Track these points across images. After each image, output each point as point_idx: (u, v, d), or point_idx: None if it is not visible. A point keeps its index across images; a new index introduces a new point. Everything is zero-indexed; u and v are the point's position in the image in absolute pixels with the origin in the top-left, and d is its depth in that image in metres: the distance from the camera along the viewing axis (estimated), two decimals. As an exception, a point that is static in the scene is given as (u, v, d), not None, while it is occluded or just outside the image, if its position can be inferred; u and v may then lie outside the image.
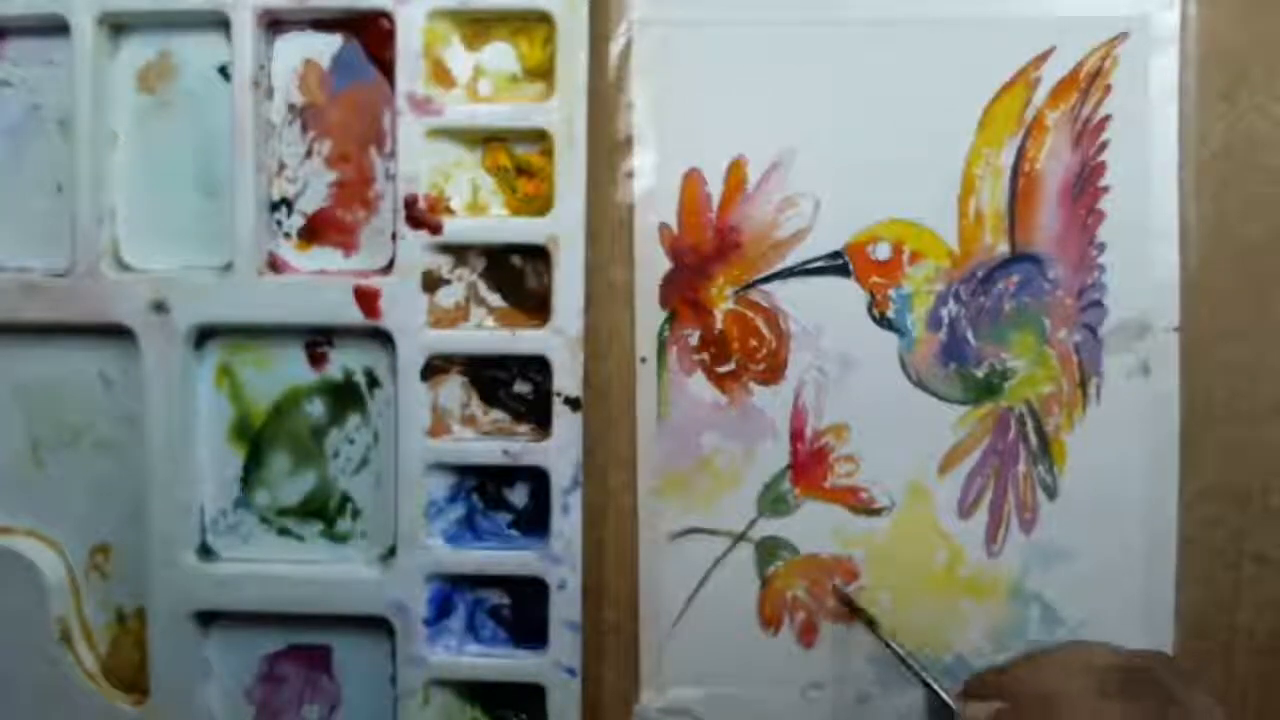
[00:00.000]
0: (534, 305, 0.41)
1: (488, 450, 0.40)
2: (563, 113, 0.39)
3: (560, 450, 0.40)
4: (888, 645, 0.39)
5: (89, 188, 0.40)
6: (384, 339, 0.40)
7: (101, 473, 0.42)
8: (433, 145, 0.40)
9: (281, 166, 0.41)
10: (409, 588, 0.40)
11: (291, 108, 0.41)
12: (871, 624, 0.40)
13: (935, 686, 0.38)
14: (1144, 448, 0.40)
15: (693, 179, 0.40)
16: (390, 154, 0.40)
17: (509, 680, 0.41)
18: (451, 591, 0.41)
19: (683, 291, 0.41)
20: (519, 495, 0.41)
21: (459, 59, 0.40)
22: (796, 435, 0.41)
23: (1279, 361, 0.40)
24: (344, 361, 0.41)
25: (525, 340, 0.40)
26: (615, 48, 0.40)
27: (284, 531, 0.42)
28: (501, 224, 0.40)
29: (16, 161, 0.42)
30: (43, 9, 0.40)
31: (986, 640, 0.40)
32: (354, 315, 0.40)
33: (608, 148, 0.40)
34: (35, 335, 0.41)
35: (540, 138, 0.40)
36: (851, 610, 0.40)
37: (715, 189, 0.40)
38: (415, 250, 0.40)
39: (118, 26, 0.41)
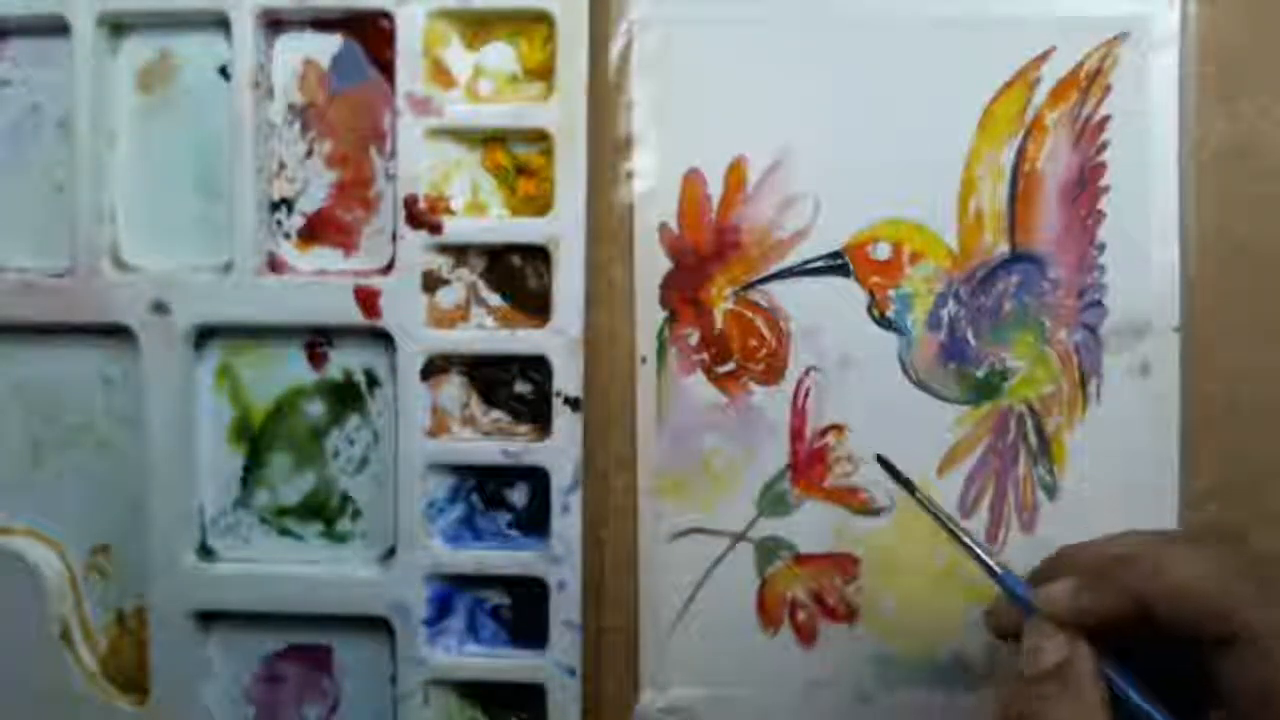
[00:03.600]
0: (534, 305, 0.41)
1: (488, 450, 0.40)
2: (563, 113, 0.39)
3: (560, 450, 0.40)
4: (946, 526, 0.34)
5: (89, 188, 0.40)
6: (384, 339, 0.40)
7: (101, 473, 0.42)
8: (433, 145, 0.40)
9: (281, 166, 0.41)
10: (409, 588, 0.40)
11: (291, 108, 0.41)
12: (921, 497, 0.36)
13: (998, 571, 0.33)
14: (1144, 448, 0.40)
15: (693, 179, 0.40)
16: (390, 154, 0.41)
17: (509, 680, 0.41)
18: (451, 591, 0.41)
19: (683, 291, 0.41)
20: (519, 495, 0.41)
21: (459, 59, 0.40)
22: (796, 435, 0.41)
23: (1279, 361, 0.40)
24: (344, 361, 0.41)
25: (525, 340, 0.40)
26: (615, 48, 0.40)
27: (284, 531, 0.42)
28: (501, 224, 0.40)
29: (16, 161, 0.42)
30: (43, 9, 0.40)
31: (988, 641, 0.40)
32: (354, 315, 0.40)
33: (608, 148, 0.40)
34: (35, 335, 0.41)
35: (540, 138, 0.40)
36: (900, 482, 0.36)
37: (715, 189, 0.40)
38: (415, 250, 0.40)
39: (118, 26, 0.41)
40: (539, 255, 0.40)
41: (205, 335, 0.41)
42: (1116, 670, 0.30)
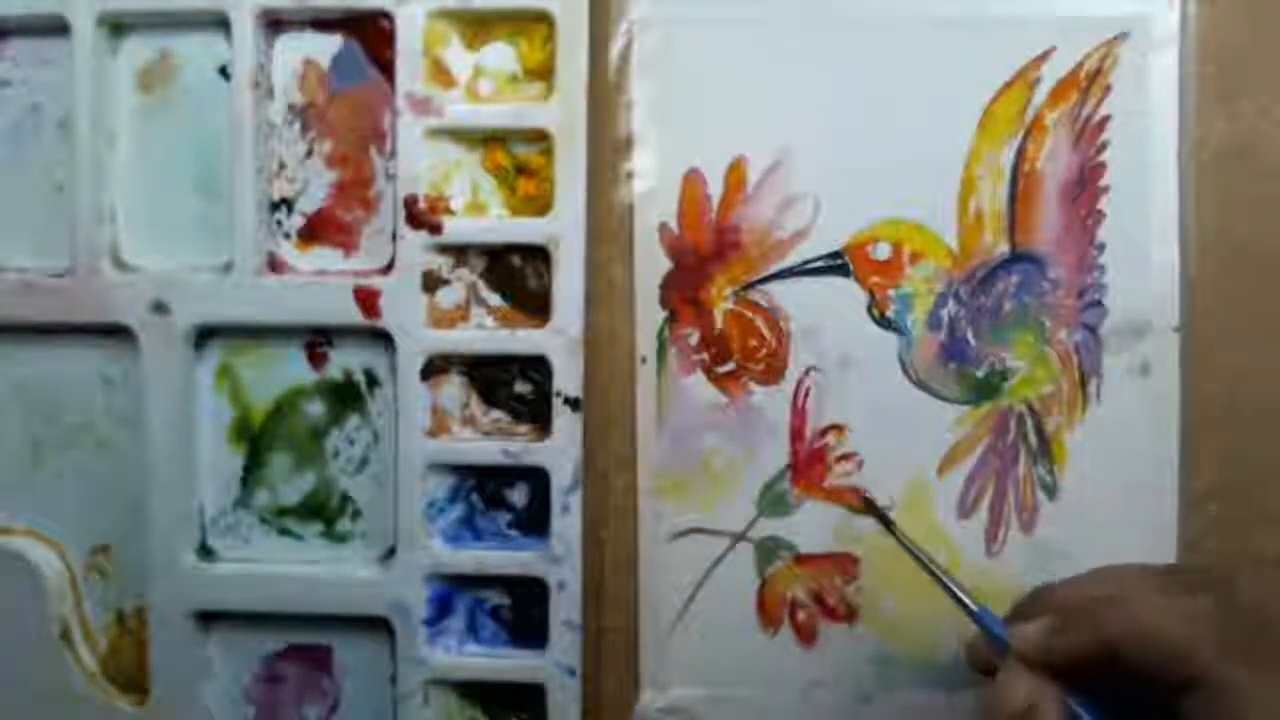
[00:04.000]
0: (534, 305, 0.41)
1: (488, 450, 0.40)
2: (563, 113, 0.39)
3: (560, 450, 0.40)
4: (925, 566, 0.36)
5: (89, 188, 0.40)
6: (384, 339, 0.40)
7: (101, 473, 0.42)
8: (433, 145, 0.40)
9: (281, 166, 0.41)
10: (409, 588, 0.40)
11: (291, 108, 0.41)
12: (902, 537, 0.37)
13: (975, 609, 0.34)
14: (1144, 448, 0.40)
15: (693, 179, 0.40)
16: (390, 154, 0.41)
17: (509, 680, 0.41)
18: (451, 591, 0.41)
19: (683, 291, 0.41)
20: (519, 495, 0.41)
21: (459, 59, 0.40)
22: (796, 435, 0.41)
23: (1279, 361, 0.40)
24: (344, 361, 0.41)
25: (525, 340, 0.40)
26: (615, 48, 0.40)
27: (284, 531, 0.42)
28: (501, 224, 0.40)
29: (16, 161, 0.42)
30: (43, 9, 0.40)
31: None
32: (354, 315, 0.40)
33: (608, 148, 0.40)
34: (35, 335, 0.41)
35: (540, 138, 0.40)
36: (879, 520, 0.39)
37: (715, 189, 0.40)
38: (415, 250, 0.40)
39: (118, 26, 0.41)
40: (539, 255, 0.40)
41: (205, 335, 0.41)
42: (1087, 710, 0.30)
